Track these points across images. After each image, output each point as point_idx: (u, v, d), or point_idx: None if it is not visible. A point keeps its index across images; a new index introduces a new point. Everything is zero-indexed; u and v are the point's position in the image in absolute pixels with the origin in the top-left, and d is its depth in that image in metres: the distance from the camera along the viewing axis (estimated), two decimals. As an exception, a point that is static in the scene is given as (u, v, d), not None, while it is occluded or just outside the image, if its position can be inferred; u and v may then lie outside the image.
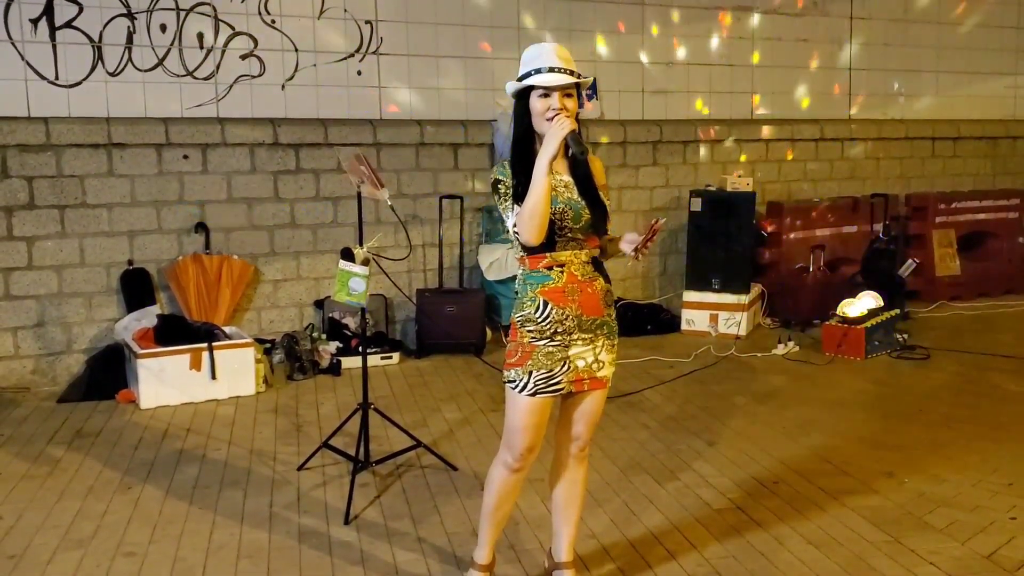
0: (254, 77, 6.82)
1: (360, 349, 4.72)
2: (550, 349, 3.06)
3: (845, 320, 6.93)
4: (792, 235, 8.06)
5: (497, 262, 7.25)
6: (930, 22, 9.59)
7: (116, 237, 6.43)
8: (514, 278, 7.07)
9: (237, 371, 5.98)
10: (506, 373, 3.12)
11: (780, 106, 8.96)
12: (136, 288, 6.41)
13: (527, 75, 3.02)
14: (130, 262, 6.46)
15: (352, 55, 7.13)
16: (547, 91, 3.00)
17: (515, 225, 2.99)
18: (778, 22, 8.82)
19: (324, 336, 6.73)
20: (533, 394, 3.06)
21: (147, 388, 5.76)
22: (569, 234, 3.05)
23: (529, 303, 3.07)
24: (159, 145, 6.47)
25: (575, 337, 3.09)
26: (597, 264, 3.16)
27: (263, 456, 4.92)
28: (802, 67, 9.00)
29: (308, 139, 6.88)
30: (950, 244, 9.06)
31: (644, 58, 8.24)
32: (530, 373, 3.05)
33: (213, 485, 4.53)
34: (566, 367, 3.08)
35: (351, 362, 6.52)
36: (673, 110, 8.38)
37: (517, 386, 3.07)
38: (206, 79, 6.68)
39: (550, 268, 3.06)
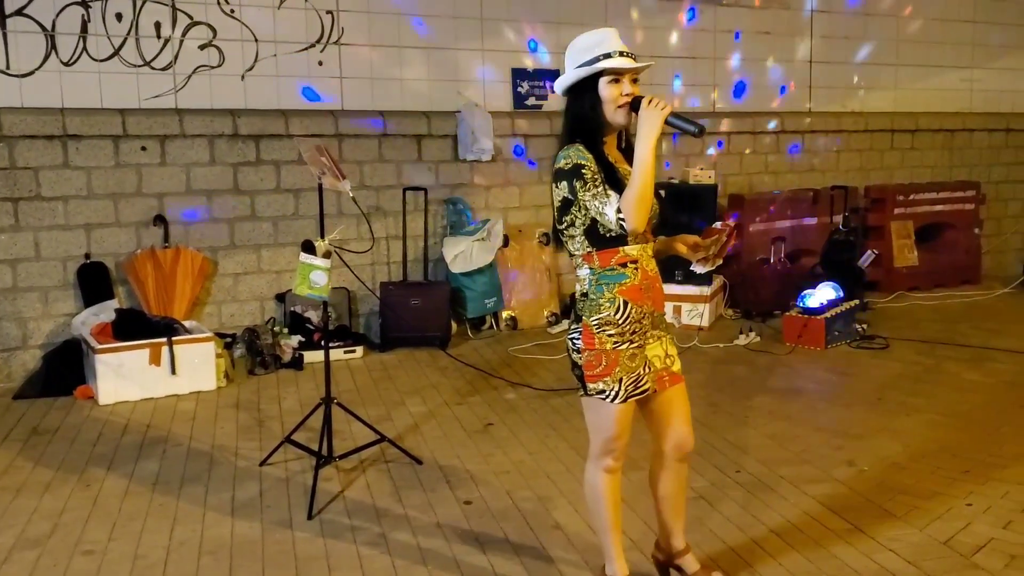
0: (213, 68, 6.74)
1: (323, 343, 4.68)
2: (632, 351, 2.98)
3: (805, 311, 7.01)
4: (753, 227, 8.12)
5: (462, 254, 7.22)
6: (889, 16, 9.71)
7: (72, 230, 6.32)
8: (480, 271, 7.20)
9: (197, 366, 5.91)
10: (592, 385, 3.00)
11: (742, 99, 9.02)
12: (94, 282, 6.32)
13: (594, 60, 2.91)
14: (87, 256, 6.36)
15: (313, 45, 7.07)
16: (618, 76, 2.92)
17: (619, 211, 2.85)
18: (739, 15, 8.87)
19: (286, 330, 6.67)
20: (625, 400, 3.00)
21: (105, 384, 5.68)
22: None
23: (608, 304, 2.95)
24: (116, 136, 6.37)
25: (649, 336, 3.04)
26: (656, 258, 3.12)
27: (225, 451, 4.87)
28: (763, 60, 9.06)
29: (268, 130, 6.81)
30: (908, 235, 9.18)
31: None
32: (620, 380, 2.97)
33: (174, 481, 4.47)
34: (647, 368, 3.03)
35: (314, 356, 6.47)
36: (636, 102, 8.38)
37: (609, 396, 2.99)
38: (164, 69, 6.58)
39: (624, 264, 2.97)
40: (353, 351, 6.76)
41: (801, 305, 7.10)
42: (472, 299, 7.31)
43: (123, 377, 5.71)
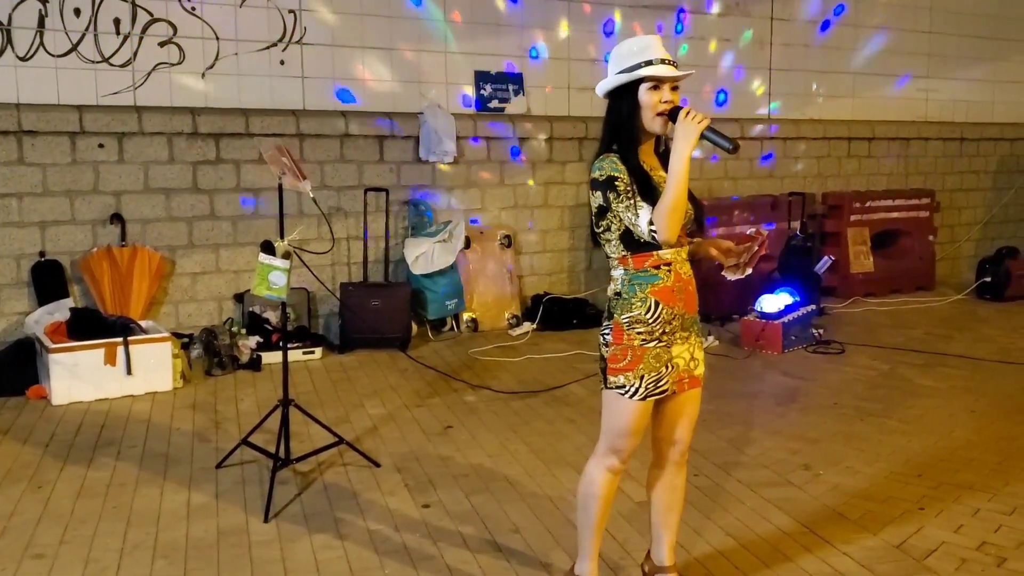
0: (173, 65, 6.67)
1: (281, 344, 4.64)
2: (658, 351, 2.99)
3: (763, 315, 7.08)
4: (711, 232, 8.18)
5: (423, 256, 7.20)
6: (847, 25, 9.84)
7: (27, 228, 6.22)
8: (441, 272, 7.17)
9: (154, 366, 5.84)
10: (613, 379, 3.02)
11: (702, 105, 9.09)
12: (48, 281, 6.22)
13: (635, 67, 2.93)
14: (42, 254, 6.26)
15: (275, 44, 7.02)
16: (658, 84, 2.93)
17: (651, 223, 2.86)
18: (701, 21, 8.94)
19: (244, 330, 6.61)
20: (644, 398, 3.00)
21: (59, 383, 5.59)
22: None
23: (639, 304, 2.97)
24: (73, 133, 6.28)
25: (676, 336, 3.04)
26: (691, 262, 3.12)
27: (180, 453, 4.82)
28: (723, 67, 9.14)
29: (229, 129, 6.75)
30: (864, 242, 9.31)
31: (570, 55, 8.28)
32: (641, 377, 2.98)
33: (128, 483, 4.42)
34: (670, 368, 3.03)
35: (272, 357, 6.42)
36: (599, 107, 8.39)
37: (628, 391, 2.99)
38: (123, 66, 6.50)
39: (657, 267, 2.99)
40: (312, 352, 6.72)
41: (759, 310, 7.17)
42: (433, 301, 7.30)
43: (77, 377, 5.62)
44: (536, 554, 3.69)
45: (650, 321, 2.98)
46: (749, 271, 3.17)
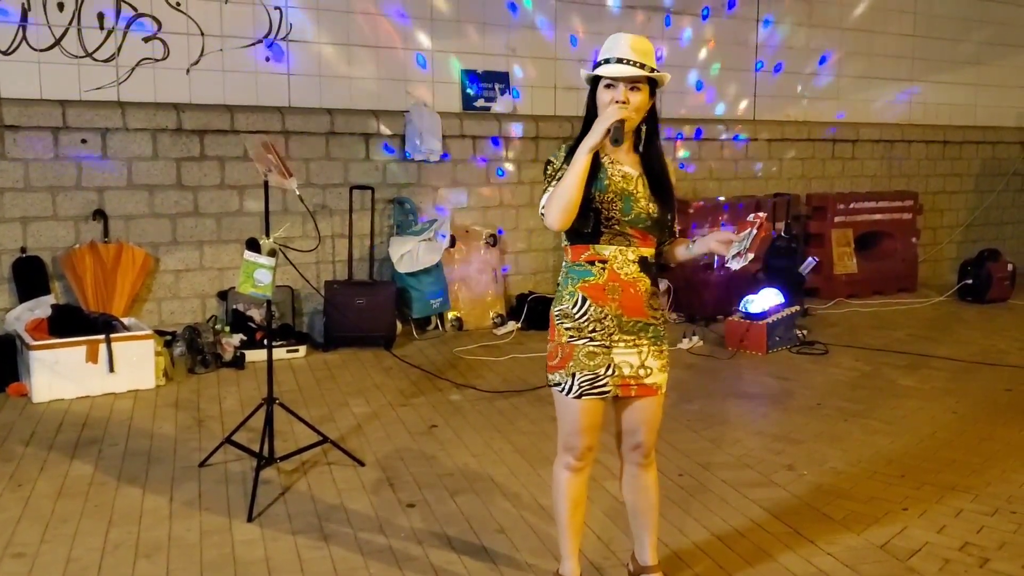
0: (157, 61, 6.63)
1: (265, 342, 4.62)
2: (591, 349, 2.97)
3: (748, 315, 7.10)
4: (697, 233, 8.22)
5: (408, 254, 7.19)
6: (832, 27, 9.88)
7: (8, 224, 6.17)
8: (426, 271, 7.16)
9: (136, 364, 5.80)
10: (549, 376, 3.07)
11: (687, 105, 9.11)
12: (29, 277, 6.17)
13: (597, 65, 2.95)
14: (23, 250, 6.20)
15: (260, 41, 6.98)
16: (613, 82, 2.92)
17: (543, 205, 2.88)
18: (686, 22, 8.96)
19: (228, 328, 6.58)
20: (579, 396, 3.00)
21: (40, 381, 5.54)
22: (617, 227, 2.93)
23: (568, 297, 2.99)
24: (55, 128, 6.23)
25: (616, 339, 2.99)
26: (644, 265, 3.00)
27: (163, 452, 4.78)
28: (708, 67, 9.17)
29: (213, 125, 6.71)
30: (848, 243, 9.36)
31: (557, 54, 8.28)
32: (573, 375, 2.98)
33: (110, 482, 4.38)
34: (610, 370, 2.99)
35: (256, 355, 6.38)
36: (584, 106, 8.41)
37: (563, 388, 3.02)
38: (106, 61, 6.46)
39: (591, 263, 2.97)
40: (296, 350, 6.69)
41: (743, 310, 7.19)
42: (418, 299, 7.28)
43: (58, 374, 5.58)
44: (521, 554, 3.68)
45: (576, 316, 2.99)
46: (752, 256, 3.00)
